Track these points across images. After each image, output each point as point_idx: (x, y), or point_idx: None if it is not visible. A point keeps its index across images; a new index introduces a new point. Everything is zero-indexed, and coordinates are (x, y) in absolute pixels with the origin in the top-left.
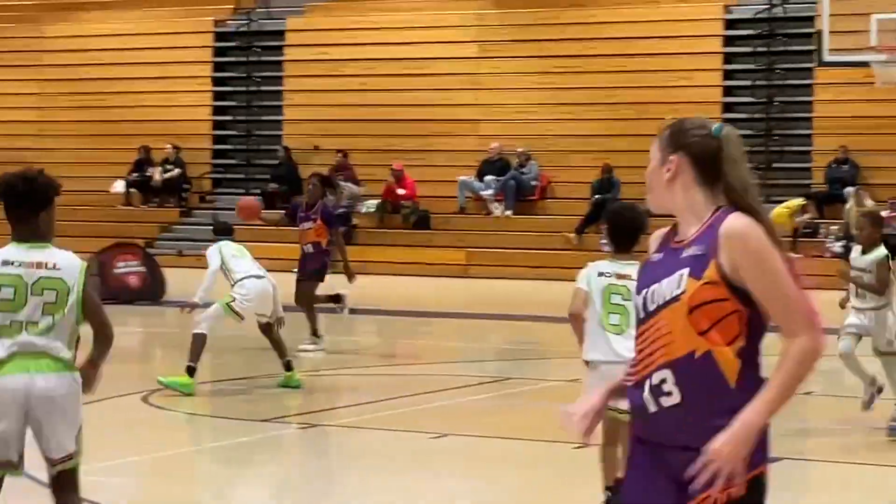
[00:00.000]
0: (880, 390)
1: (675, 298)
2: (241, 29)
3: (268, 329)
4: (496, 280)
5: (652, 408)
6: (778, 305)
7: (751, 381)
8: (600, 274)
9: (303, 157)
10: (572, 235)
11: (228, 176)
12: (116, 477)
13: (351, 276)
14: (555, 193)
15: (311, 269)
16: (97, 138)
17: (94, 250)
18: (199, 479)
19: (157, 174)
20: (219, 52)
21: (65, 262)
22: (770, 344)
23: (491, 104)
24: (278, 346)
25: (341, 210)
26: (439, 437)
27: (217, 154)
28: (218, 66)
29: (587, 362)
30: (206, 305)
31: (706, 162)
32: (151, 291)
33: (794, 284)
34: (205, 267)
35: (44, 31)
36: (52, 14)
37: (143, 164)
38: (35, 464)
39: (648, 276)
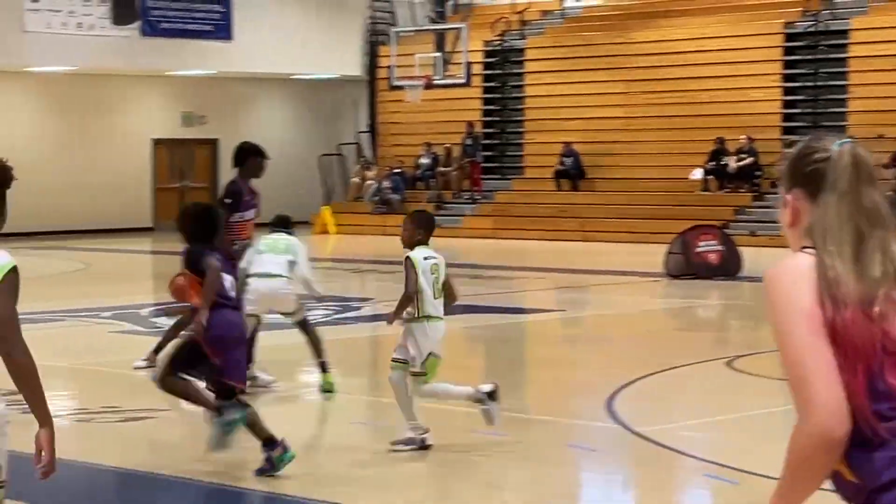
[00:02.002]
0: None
1: None
2: (809, 29)
3: (302, 325)
4: None
5: None
6: (787, 376)
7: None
8: None
9: (866, 145)
10: None
11: None
12: (702, 433)
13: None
14: None
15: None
16: (677, 131)
17: (677, 231)
18: (778, 438)
19: (732, 162)
20: (787, 51)
21: None
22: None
23: None
24: (315, 345)
25: None
26: None
27: (786, 144)
28: (787, 64)
29: None
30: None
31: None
32: (729, 268)
33: (810, 352)
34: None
35: (632, 37)
36: (640, 22)
37: (718, 153)
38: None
39: None
